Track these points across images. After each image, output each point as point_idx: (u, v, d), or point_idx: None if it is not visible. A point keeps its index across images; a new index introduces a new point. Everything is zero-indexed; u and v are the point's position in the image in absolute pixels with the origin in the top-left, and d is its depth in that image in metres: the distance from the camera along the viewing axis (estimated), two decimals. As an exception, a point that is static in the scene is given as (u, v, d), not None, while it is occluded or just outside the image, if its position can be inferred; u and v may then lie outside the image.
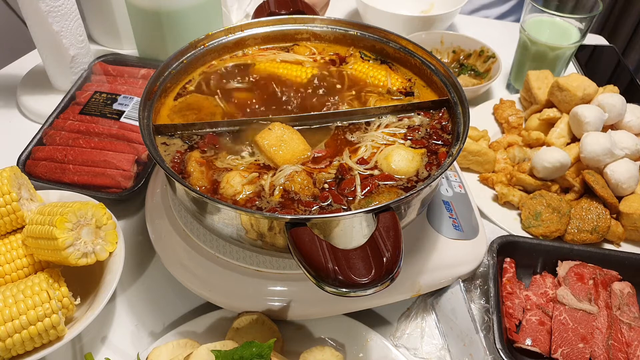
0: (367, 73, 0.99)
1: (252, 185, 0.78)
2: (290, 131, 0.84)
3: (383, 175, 0.80)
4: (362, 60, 1.02)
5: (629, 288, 0.92)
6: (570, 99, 1.17)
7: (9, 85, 1.35)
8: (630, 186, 1.05)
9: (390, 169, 0.80)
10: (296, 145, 0.83)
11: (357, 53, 1.03)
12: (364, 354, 0.82)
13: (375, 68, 1.00)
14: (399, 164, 0.80)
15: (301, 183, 0.77)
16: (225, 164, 0.82)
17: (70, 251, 0.79)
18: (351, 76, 0.99)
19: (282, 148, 0.82)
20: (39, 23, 1.16)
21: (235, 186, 0.77)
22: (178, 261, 0.86)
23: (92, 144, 1.08)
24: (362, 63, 1.01)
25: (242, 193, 0.77)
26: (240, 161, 0.82)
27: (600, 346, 0.83)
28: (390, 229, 0.64)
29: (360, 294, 0.61)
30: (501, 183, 1.11)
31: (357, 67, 1.00)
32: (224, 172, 0.80)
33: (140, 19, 1.27)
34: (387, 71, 0.98)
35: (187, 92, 0.94)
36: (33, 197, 0.92)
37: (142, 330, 0.90)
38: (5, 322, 0.74)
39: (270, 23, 1.03)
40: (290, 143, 0.82)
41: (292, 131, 0.84)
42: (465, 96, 0.85)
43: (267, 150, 0.82)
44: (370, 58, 1.02)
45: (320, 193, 0.77)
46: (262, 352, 0.71)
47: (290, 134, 0.83)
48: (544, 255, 0.96)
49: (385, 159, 0.81)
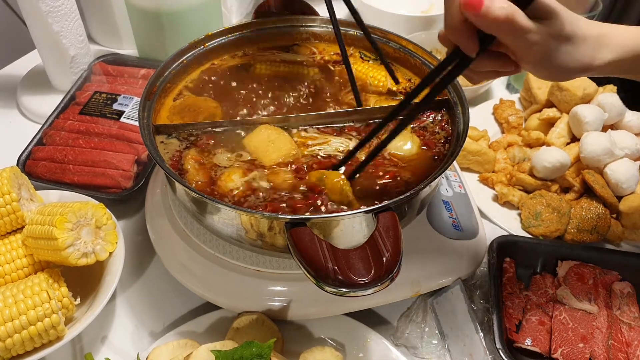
0: (366, 73, 0.99)
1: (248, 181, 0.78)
2: (277, 132, 0.84)
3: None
4: (361, 60, 1.02)
5: (629, 288, 0.92)
6: (570, 98, 1.17)
7: (9, 85, 1.35)
8: (630, 186, 1.05)
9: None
10: (283, 144, 0.83)
11: (356, 53, 1.03)
12: (364, 354, 0.82)
13: (375, 68, 1.00)
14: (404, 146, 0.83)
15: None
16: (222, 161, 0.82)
17: (70, 251, 0.79)
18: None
19: (269, 148, 0.83)
20: (39, 23, 1.16)
21: (235, 181, 0.77)
22: (178, 261, 0.86)
23: (92, 144, 1.08)
24: (362, 63, 1.01)
25: (239, 188, 0.77)
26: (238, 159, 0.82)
27: (600, 346, 0.83)
28: (390, 229, 0.65)
29: (360, 293, 0.61)
30: (501, 183, 1.11)
31: (356, 67, 1.00)
32: (221, 169, 0.80)
33: (140, 19, 1.27)
34: (386, 71, 0.98)
35: (187, 89, 0.94)
36: (33, 197, 0.92)
37: (142, 330, 0.90)
38: (5, 322, 0.74)
39: (270, 23, 1.03)
40: (278, 143, 0.83)
41: (279, 131, 0.85)
42: (465, 96, 0.85)
43: (254, 151, 0.83)
44: (370, 58, 1.02)
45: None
46: (262, 352, 0.71)
47: (277, 134, 0.84)
48: (544, 255, 0.96)
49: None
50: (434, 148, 0.85)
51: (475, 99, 1.35)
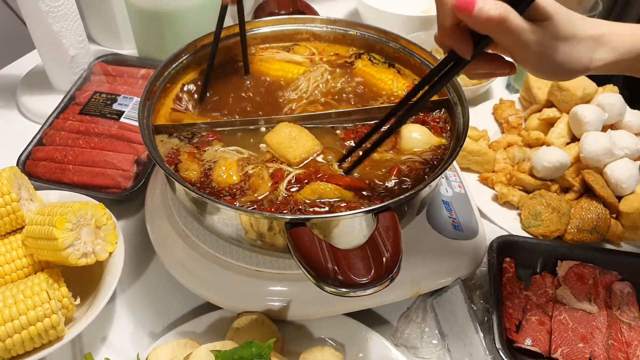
0: (374, 75, 0.99)
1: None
2: (298, 129, 0.85)
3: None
4: (371, 63, 1.01)
5: (629, 288, 0.92)
6: (570, 98, 1.17)
7: (9, 85, 1.35)
8: (630, 186, 1.05)
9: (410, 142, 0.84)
10: (306, 141, 0.84)
11: (365, 56, 1.02)
12: (364, 354, 0.82)
13: (383, 71, 0.99)
14: (416, 138, 0.85)
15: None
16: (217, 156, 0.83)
17: (70, 251, 0.79)
18: (360, 78, 0.99)
19: (292, 145, 0.83)
20: (38, 23, 1.16)
21: (230, 172, 0.79)
22: (178, 261, 0.86)
23: (92, 144, 1.08)
24: (372, 66, 1.00)
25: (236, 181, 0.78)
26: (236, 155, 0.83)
27: (600, 346, 0.83)
28: (389, 229, 0.65)
29: (360, 293, 0.61)
30: (501, 183, 1.11)
31: (365, 69, 0.99)
32: (215, 162, 0.81)
33: (140, 19, 1.27)
34: (394, 75, 0.98)
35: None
36: (33, 197, 0.92)
37: (142, 330, 0.90)
38: (5, 323, 0.74)
39: (270, 23, 1.03)
40: (300, 140, 0.84)
41: (300, 129, 0.85)
42: (464, 96, 0.85)
43: (277, 149, 0.84)
44: (379, 62, 1.02)
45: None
46: (262, 352, 0.71)
47: (298, 131, 0.85)
48: (544, 255, 0.96)
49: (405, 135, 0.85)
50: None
51: (475, 99, 1.35)
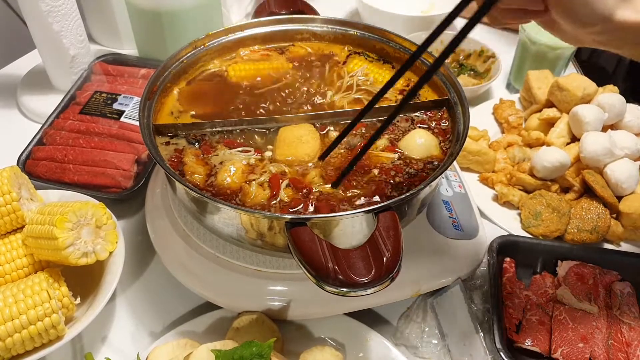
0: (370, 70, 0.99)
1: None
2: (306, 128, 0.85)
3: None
4: (365, 59, 1.01)
5: (629, 288, 0.92)
6: (570, 98, 1.17)
7: (9, 85, 1.35)
8: (630, 186, 1.05)
9: (415, 148, 0.84)
10: (312, 139, 0.85)
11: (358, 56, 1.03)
12: (364, 353, 0.82)
13: (378, 68, 0.99)
14: (420, 145, 0.84)
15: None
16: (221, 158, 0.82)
17: (70, 251, 0.79)
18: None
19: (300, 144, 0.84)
20: (39, 23, 1.16)
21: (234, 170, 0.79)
22: (178, 261, 0.86)
23: (92, 143, 1.08)
24: (366, 62, 1.01)
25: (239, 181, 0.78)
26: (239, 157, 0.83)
27: (600, 346, 0.83)
28: (390, 229, 0.65)
29: (360, 293, 0.61)
30: (501, 183, 1.11)
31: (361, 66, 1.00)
32: (220, 164, 0.81)
33: (140, 19, 1.27)
34: (390, 72, 0.98)
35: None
36: (33, 196, 0.92)
37: (142, 330, 0.90)
38: (5, 322, 0.74)
39: (270, 23, 1.03)
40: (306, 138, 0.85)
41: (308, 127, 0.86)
42: (465, 96, 0.85)
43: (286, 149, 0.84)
44: (374, 59, 1.02)
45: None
46: (262, 352, 0.71)
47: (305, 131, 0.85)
48: (544, 255, 0.96)
49: (408, 141, 0.85)
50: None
51: (475, 99, 1.36)
